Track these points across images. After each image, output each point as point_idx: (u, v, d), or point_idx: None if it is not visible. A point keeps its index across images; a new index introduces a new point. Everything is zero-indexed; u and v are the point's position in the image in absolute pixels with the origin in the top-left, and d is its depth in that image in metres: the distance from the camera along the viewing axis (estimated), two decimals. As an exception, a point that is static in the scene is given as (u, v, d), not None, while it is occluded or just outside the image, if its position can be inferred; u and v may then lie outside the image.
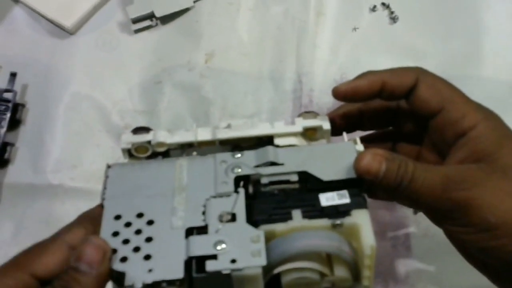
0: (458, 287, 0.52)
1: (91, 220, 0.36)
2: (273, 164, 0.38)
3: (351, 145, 0.39)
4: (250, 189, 0.37)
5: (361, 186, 0.37)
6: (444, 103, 0.39)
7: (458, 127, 0.39)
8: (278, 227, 0.34)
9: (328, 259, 0.35)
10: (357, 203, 0.35)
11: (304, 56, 0.62)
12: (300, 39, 0.63)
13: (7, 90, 0.60)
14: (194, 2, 0.65)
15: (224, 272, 0.32)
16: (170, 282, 0.32)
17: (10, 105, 0.60)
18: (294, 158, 0.38)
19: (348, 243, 0.34)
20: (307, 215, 0.35)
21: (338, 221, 0.34)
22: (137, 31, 0.65)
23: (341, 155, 0.38)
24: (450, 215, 0.37)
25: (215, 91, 0.61)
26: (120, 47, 0.65)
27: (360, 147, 0.39)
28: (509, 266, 0.38)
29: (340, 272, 0.34)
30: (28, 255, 0.34)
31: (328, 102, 0.59)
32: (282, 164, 0.38)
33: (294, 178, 0.37)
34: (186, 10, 0.65)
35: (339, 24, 0.64)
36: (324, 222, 0.34)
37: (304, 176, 0.37)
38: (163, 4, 0.64)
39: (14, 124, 0.61)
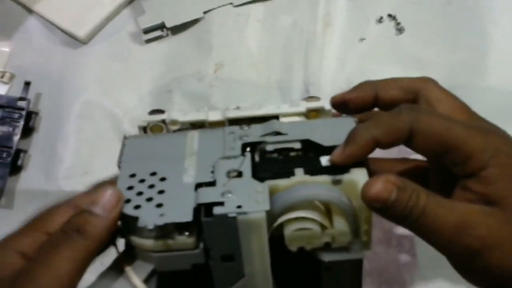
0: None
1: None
2: (278, 134, 0.40)
3: (351, 119, 0.41)
4: (257, 157, 0.38)
5: None
6: (447, 147, 0.36)
7: (465, 168, 0.36)
8: (281, 182, 0.36)
9: (328, 213, 0.36)
10: (356, 162, 0.37)
11: (312, 66, 0.63)
12: (308, 50, 0.64)
13: (21, 99, 0.61)
14: (204, 13, 0.66)
15: (230, 215, 0.33)
16: (180, 229, 0.34)
17: (23, 113, 0.61)
18: (297, 129, 0.40)
19: (348, 198, 0.35)
20: (308, 172, 0.36)
21: (337, 177, 0.35)
22: (148, 41, 0.66)
23: (341, 127, 0.39)
24: (457, 258, 0.36)
25: (224, 100, 0.62)
26: (132, 57, 0.66)
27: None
28: None
29: (340, 224, 0.35)
30: (43, 217, 0.36)
31: (335, 112, 0.60)
32: (286, 134, 0.40)
33: (297, 145, 0.39)
34: (196, 20, 0.66)
35: (346, 35, 0.65)
36: (325, 178, 0.36)
37: (307, 144, 0.39)
38: (173, 15, 0.65)
39: (27, 131, 0.62)
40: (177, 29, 0.66)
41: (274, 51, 0.65)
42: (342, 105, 0.42)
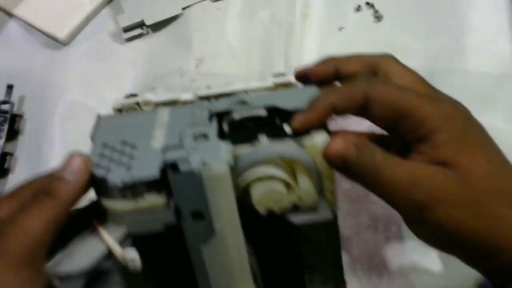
0: (451, 276, 0.53)
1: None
2: (245, 104, 0.41)
3: (314, 87, 0.42)
4: (225, 128, 0.40)
5: None
6: (400, 114, 0.38)
7: (417, 133, 0.38)
8: (245, 147, 0.37)
9: (293, 174, 0.37)
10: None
11: (292, 58, 0.64)
12: (288, 41, 0.65)
13: (4, 102, 0.62)
14: (183, 9, 0.67)
15: (195, 170, 0.35)
16: (149, 187, 0.35)
17: (8, 116, 0.61)
18: (263, 98, 0.41)
19: (311, 157, 0.36)
20: (272, 137, 0.37)
21: (300, 141, 0.37)
22: (129, 39, 0.67)
23: (305, 94, 0.41)
24: (409, 214, 0.37)
25: (206, 94, 0.63)
26: (113, 56, 0.67)
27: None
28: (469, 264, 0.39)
29: (305, 184, 0.36)
30: (21, 187, 0.38)
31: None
32: (252, 103, 0.41)
33: (263, 112, 0.40)
34: (175, 17, 0.67)
35: (325, 24, 0.66)
36: (288, 141, 0.37)
37: (272, 111, 0.40)
38: (152, 12, 0.66)
39: (13, 134, 0.62)
40: (157, 27, 0.67)
41: (254, 44, 0.65)
42: (304, 77, 0.44)
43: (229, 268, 0.38)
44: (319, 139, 0.37)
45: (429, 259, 0.54)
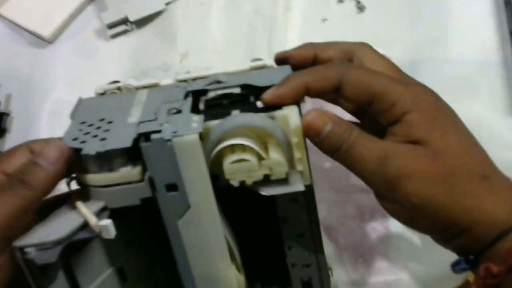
0: (436, 262, 0.53)
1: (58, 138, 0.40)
2: (219, 83, 0.42)
3: (288, 67, 0.43)
4: (201, 106, 0.40)
5: None
6: (372, 96, 0.39)
7: (389, 115, 0.38)
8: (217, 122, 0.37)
9: (264, 146, 0.38)
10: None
11: (276, 50, 0.62)
12: (271, 34, 0.65)
13: (-10, 101, 0.63)
14: (166, 4, 0.67)
15: (166, 138, 0.35)
16: (124, 160, 0.36)
17: (-6, 115, 0.62)
18: (237, 78, 0.42)
19: (282, 129, 0.37)
20: (244, 112, 0.38)
21: (271, 114, 0.37)
22: (114, 36, 0.67)
23: (279, 72, 0.41)
24: (381, 190, 0.38)
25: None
26: (99, 53, 0.67)
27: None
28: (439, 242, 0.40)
29: (275, 154, 0.37)
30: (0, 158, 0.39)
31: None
32: (227, 82, 0.42)
33: (237, 90, 0.41)
34: (159, 13, 0.67)
35: (308, 16, 0.66)
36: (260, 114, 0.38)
37: (246, 89, 0.41)
38: (136, 8, 0.66)
39: (0, 132, 0.63)
40: (141, 22, 0.67)
41: (237, 38, 0.66)
42: (284, 61, 0.45)
43: (205, 242, 0.39)
44: (289, 111, 0.37)
45: (415, 246, 0.55)
